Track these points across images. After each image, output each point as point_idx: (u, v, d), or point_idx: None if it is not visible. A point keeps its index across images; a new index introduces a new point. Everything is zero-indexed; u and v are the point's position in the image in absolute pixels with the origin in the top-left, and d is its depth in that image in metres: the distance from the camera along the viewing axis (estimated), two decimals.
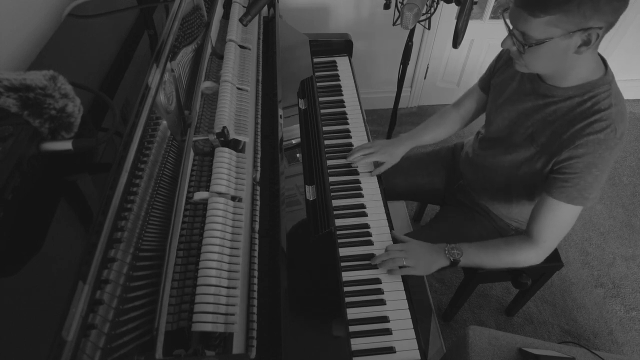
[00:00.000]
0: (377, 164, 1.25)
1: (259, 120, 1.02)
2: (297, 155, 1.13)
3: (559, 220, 0.98)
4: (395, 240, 1.09)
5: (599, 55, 0.94)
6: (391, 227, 1.12)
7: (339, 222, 1.10)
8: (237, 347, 0.64)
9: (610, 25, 0.80)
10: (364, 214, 1.13)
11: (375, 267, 1.02)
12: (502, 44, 0.91)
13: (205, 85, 0.99)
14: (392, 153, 1.24)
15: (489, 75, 1.19)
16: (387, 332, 0.91)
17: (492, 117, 1.14)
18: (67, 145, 0.62)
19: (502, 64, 1.13)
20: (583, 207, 0.95)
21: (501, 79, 1.12)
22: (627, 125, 0.93)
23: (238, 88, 0.99)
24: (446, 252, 1.03)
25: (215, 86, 1.00)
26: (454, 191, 1.37)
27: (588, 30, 0.80)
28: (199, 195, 0.76)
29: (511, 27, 0.88)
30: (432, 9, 1.52)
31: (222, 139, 0.85)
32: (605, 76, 0.92)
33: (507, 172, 1.12)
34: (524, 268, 1.31)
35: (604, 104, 0.90)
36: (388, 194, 1.24)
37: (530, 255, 1.03)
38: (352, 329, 0.90)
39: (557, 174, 0.96)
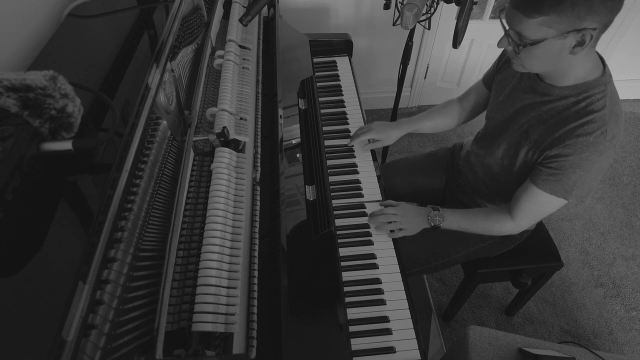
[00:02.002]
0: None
1: (259, 120, 1.02)
2: (297, 155, 1.13)
3: (538, 207, 1.03)
4: (385, 207, 1.15)
5: (599, 55, 0.94)
6: None
7: (339, 222, 1.10)
8: (237, 347, 0.64)
9: (605, 26, 0.81)
10: (364, 214, 1.13)
11: (375, 266, 1.02)
12: (499, 43, 0.92)
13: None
14: (388, 133, 1.28)
15: (494, 72, 1.20)
16: (387, 332, 0.91)
17: (492, 114, 1.15)
18: (67, 145, 0.62)
19: (505, 61, 1.14)
20: (567, 201, 0.97)
21: (503, 76, 1.13)
22: (622, 128, 0.94)
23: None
24: (429, 218, 1.10)
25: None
26: (454, 191, 1.37)
27: (582, 31, 0.80)
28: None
29: (507, 27, 0.89)
30: (432, 9, 1.52)
31: (222, 139, 0.85)
32: (601, 77, 0.92)
33: (505, 170, 1.13)
34: (524, 268, 1.33)
35: (597, 105, 0.90)
36: (388, 194, 1.24)
37: (505, 228, 1.10)
38: (352, 329, 0.90)
39: (543, 167, 0.98)
